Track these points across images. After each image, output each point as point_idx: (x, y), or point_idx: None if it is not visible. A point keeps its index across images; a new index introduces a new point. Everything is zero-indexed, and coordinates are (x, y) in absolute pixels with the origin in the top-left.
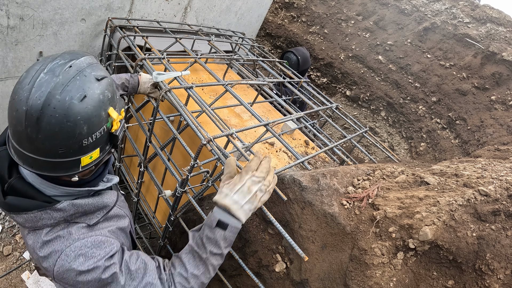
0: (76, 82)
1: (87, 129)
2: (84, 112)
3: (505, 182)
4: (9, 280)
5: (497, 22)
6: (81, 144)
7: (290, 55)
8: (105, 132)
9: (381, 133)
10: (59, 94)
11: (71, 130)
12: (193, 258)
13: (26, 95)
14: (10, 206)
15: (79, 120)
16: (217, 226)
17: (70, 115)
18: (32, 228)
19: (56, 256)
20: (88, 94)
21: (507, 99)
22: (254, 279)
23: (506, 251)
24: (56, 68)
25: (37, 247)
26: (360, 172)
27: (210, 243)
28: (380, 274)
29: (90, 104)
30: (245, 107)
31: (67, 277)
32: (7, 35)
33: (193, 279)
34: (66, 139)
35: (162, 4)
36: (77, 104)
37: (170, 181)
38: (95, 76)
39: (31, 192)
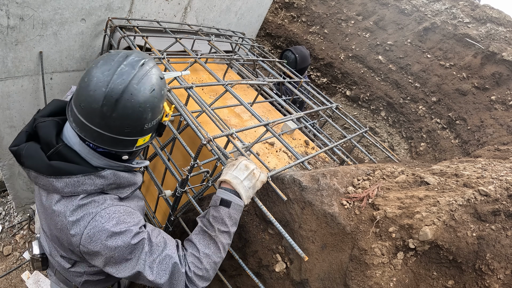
0: (148, 77)
1: (151, 115)
2: (151, 102)
3: (505, 182)
4: (9, 280)
5: (497, 22)
6: (143, 127)
7: (288, 53)
8: (158, 121)
9: (381, 133)
10: (137, 84)
11: (140, 114)
12: (203, 238)
13: (108, 80)
14: (54, 169)
15: (148, 107)
16: (221, 204)
17: (142, 102)
18: (69, 194)
19: (90, 217)
20: (156, 88)
21: (507, 99)
22: (254, 279)
23: (506, 251)
24: (134, 63)
25: (69, 211)
26: (360, 172)
27: (217, 222)
28: (380, 274)
29: (156, 96)
30: (245, 107)
31: (96, 240)
32: (7, 35)
33: (205, 258)
34: (135, 121)
35: (162, 4)
36: (148, 95)
37: (170, 181)
38: (159, 75)
39: (76, 159)
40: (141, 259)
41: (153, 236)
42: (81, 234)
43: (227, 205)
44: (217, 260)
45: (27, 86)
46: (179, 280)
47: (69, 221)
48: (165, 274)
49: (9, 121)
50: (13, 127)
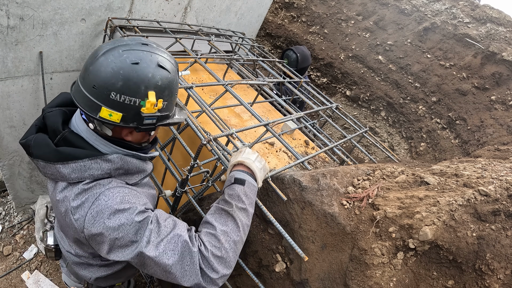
0: (140, 52)
1: (120, 86)
2: (127, 72)
3: (505, 182)
4: (9, 280)
5: (497, 22)
6: (109, 94)
7: (290, 53)
8: (135, 106)
9: (381, 133)
10: (122, 50)
11: (109, 76)
12: (219, 216)
13: (106, 43)
14: (61, 154)
15: (119, 74)
16: (235, 183)
17: (116, 66)
18: (76, 179)
19: (93, 198)
20: (141, 65)
21: (507, 99)
22: (254, 279)
23: (506, 251)
24: (136, 39)
25: (73, 195)
26: (360, 172)
27: (233, 198)
28: (380, 274)
29: (136, 71)
30: (245, 107)
31: (98, 220)
32: (7, 35)
33: (223, 236)
34: (102, 80)
35: (162, 4)
36: (127, 63)
37: (170, 181)
38: (159, 62)
39: (83, 144)
40: (145, 236)
41: (161, 218)
42: (84, 216)
43: (241, 183)
44: (236, 238)
45: (27, 86)
46: (192, 263)
47: (73, 206)
48: (174, 254)
49: (9, 121)
50: (13, 127)
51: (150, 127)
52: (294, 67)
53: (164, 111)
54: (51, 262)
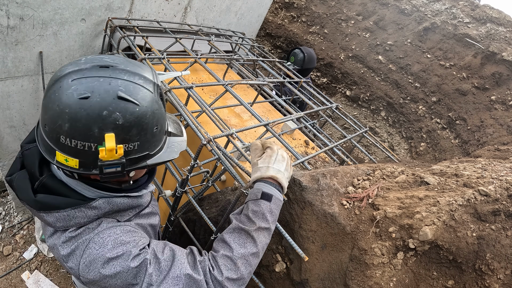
0: (93, 80)
1: (68, 128)
2: (73, 110)
3: (505, 182)
4: (9, 280)
5: (497, 22)
6: (58, 138)
7: (298, 51)
8: (90, 151)
9: (381, 133)
10: (72, 78)
11: (55, 116)
12: (239, 236)
13: (63, 66)
14: (41, 204)
15: (65, 113)
16: (261, 198)
17: (61, 103)
18: (62, 228)
19: (84, 245)
20: (92, 99)
21: (507, 99)
22: (254, 279)
23: (506, 251)
24: (94, 60)
25: (60, 243)
26: (360, 172)
27: (257, 217)
28: (380, 274)
29: (85, 108)
30: (245, 107)
31: (93, 269)
32: (7, 35)
33: (240, 259)
34: (50, 120)
35: (162, 4)
36: (74, 99)
37: (170, 181)
38: (120, 92)
39: (63, 190)
40: (145, 283)
41: (159, 252)
42: (78, 265)
43: (268, 199)
44: (253, 262)
45: (27, 86)
46: None
47: (63, 255)
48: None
49: (9, 121)
50: (13, 127)
51: (116, 175)
52: (300, 67)
53: (135, 153)
54: (51, 262)
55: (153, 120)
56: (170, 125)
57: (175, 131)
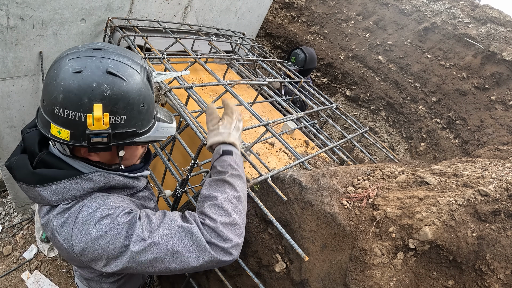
0: (87, 59)
1: (62, 99)
2: (68, 82)
3: (505, 182)
4: (9, 280)
5: (497, 22)
6: (53, 109)
7: (299, 52)
8: (80, 122)
9: (381, 133)
10: (69, 58)
11: (51, 89)
12: (216, 186)
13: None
14: (40, 177)
15: (60, 85)
16: (223, 154)
17: (58, 77)
18: (57, 202)
19: (76, 211)
20: (84, 73)
21: (507, 99)
22: (254, 279)
23: (506, 251)
24: (90, 45)
25: (53, 215)
26: (360, 172)
27: (225, 168)
28: (380, 274)
29: (78, 81)
30: (245, 107)
31: (84, 234)
32: (7, 35)
33: (226, 203)
34: (47, 94)
35: (162, 4)
36: (68, 72)
37: (170, 181)
38: (109, 68)
39: (61, 165)
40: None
41: (149, 212)
42: (71, 233)
43: (230, 154)
44: (240, 206)
45: (27, 86)
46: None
47: (57, 225)
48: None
49: (9, 121)
50: (13, 127)
51: (102, 147)
52: (301, 67)
53: (122, 127)
54: (51, 262)
55: (139, 97)
56: (160, 112)
57: (165, 118)
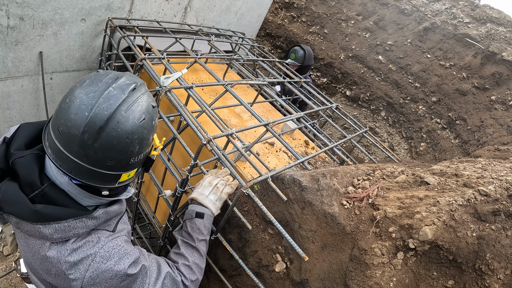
0: (138, 104)
1: (139, 148)
2: (140, 133)
3: (505, 182)
4: (9, 280)
5: (497, 22)
6: (129, 161)
7: (297, 48)
8: (146, 155)
9: (381, 133)
10: (125, 111)
11: (126, 146)
12: (186, 248)
13: (92, 103)
14: (41, 215)
15: (135, 139)
16: (196, 216)
17: (129, 133)
18: (59, 240)
19: (90, 259)
20: (146, 118)
21: (507, 99)
22: (254, 279)
23: (506, 251)
24: (124, 87)
25: (64, 256)
26: (360, 172)
27: (195, 232)
28: (380, 274)
29: (146, 126)
30: (245, 107)
31: (100, 282)
32: (7, 35)
33: (194, 266)
34: (119, 153)
35: (162, 4)
36: (137, 124)
37: (170, 181)
38: (151, 103)
39: (65, 200)
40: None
41: (146, 260)
42: (83, 278)
43: (201, 217)
44: (202, 266)
45: (27, 86)
46: None
47: (66, 267)
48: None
49: (9, 121)
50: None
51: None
52: (300, 63)
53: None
54: None
55: None
56: None
57: None
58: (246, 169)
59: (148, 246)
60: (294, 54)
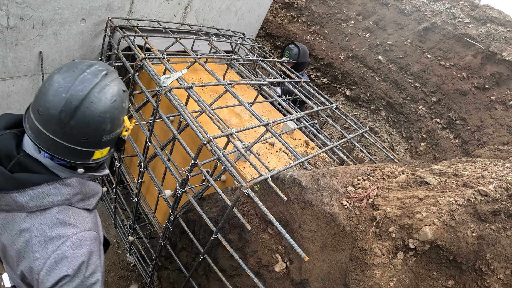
0: (110, 87)
1: (110, 127)
2: (112, 112)
3: (505, 182)
4: None
5: (497, 22)
6: (101, 139)
7: (292, 46)
8: (117, 135)
9: (381, 133)
10: (98, 93)
11: (99, 124)
12: None
13: (68, 86)
14: (16, 181)
15: (107, 117)
16: None
17: (102, 111)
18: (34, 208)
19: (60, 241)
20: (117, 99)
21: (507, 99)
22: (254, 279)
23: (506, 251)
24: (97, 72)
25: (38, 228)
26: (360, 172)
27: None
28: (380, 274)
29: (117, 107)
30: (245, 107)
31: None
32: (7, 35)
33: None
34: (93, 131)
35: (162, 4)
36: (109, 104)
37: (170, 181)
38: (122, 87)
39: (39, 169)
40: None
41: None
42: (47, 259)
43: None
44: None
45: (27, 86)
46: None
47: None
48: None
49: None
50: None
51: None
52: (295, 60)
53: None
54: None
55: None
56: None
57: None
58: (246, 169)
59: (148, 246)
60: (289, 52)
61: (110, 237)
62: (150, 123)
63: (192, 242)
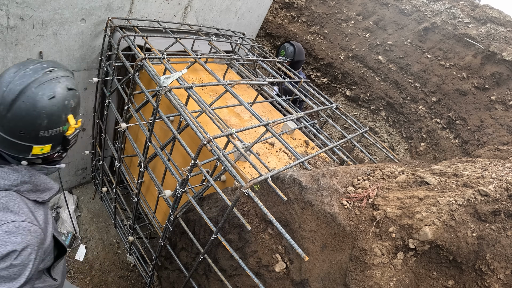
0: (51, 84)
1: (47, 123)
2: (49, 109)
3: (505, 182)
4: None
5: (497, 22)
6: (37, 134)
7: (287, 45)
8: (60, 133)
9: (381, 133)
10: (35, 88)
11: (34, 119)
12: None
13: (9, 80)
14: None
15: (43, 113)
16: None
17: (37, 107)
18: None
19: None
20: (57, 97)
21: (507, 99)
22: (254, 279)
23: (506, 251)
24: (39, 69)
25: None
26: (360, 172)
27: None
28: (380, 274)
29: (55, 104)
30: (245, 107)
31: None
32: (7, 35)
33: None
34: (28, 125)
35: (162, 4)
36: (46, 101)
37: (170, 181)
38: (67, 85)
39: None
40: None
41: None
42: None
43: None
44: None
45: None
46: None
47: None
48: None
49: None
50: None
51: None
52: (291, 59)
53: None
54: None
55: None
56: None
57: None
58: (246, 169)
59: (148, 246)
60: (284, 51)
61: (110, 237)
62: (150, 123)
63: (192, 242)
